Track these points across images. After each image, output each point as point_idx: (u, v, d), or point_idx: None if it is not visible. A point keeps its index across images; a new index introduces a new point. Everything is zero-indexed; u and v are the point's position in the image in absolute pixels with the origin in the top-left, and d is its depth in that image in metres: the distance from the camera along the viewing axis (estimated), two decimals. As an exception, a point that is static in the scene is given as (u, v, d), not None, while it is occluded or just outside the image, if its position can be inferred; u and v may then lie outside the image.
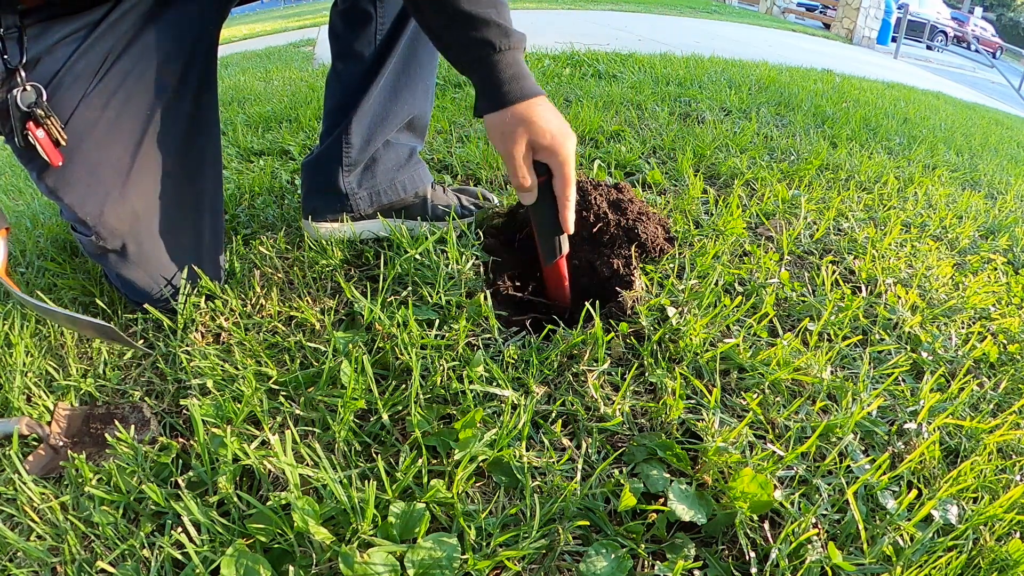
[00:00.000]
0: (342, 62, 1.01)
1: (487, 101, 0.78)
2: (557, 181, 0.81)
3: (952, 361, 0.92)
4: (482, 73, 0.77)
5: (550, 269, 0.92)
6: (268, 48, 5.12)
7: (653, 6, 9.25)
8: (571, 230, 0.85)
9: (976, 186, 1.81)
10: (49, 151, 0.78)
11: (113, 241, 0.86)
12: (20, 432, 0.71)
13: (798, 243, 1.19)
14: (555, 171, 0.80)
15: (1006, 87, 9.78)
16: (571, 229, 0.85)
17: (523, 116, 0.76)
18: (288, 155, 1.69)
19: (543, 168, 0.80)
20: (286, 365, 0.83)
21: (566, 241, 0.89)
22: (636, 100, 2.16)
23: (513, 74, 0.76)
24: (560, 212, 0.83)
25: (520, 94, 0.76)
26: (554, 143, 0.77)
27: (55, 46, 0.79)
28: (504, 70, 0.76)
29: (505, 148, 0.78)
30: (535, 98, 0.77)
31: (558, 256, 0.89)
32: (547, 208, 0.84)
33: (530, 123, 0.76)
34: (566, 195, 0.81)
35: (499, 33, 0.75)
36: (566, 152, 0.78)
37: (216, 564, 0.56)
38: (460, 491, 0.63)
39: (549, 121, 0.77)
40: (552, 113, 0.78)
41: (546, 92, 0.79)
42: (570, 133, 0.80)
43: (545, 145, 0.77)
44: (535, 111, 0.76)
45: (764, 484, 0.61)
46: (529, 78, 0.78)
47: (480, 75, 0.77)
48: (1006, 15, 29.50)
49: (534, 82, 0.78)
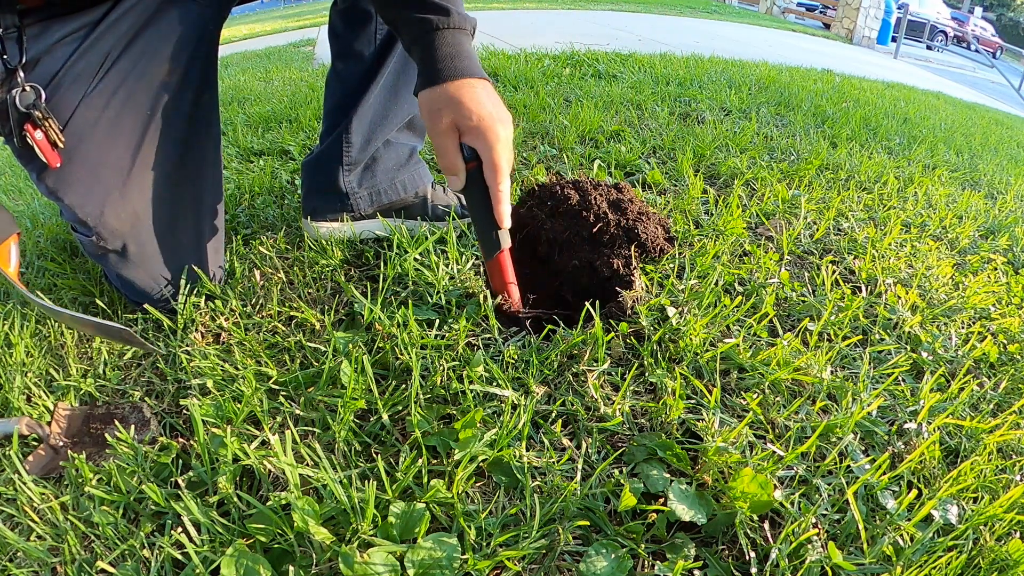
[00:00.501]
0: (342, 62, 1.01)
1: (422, 78, 0.76)
2: (486, 169, 0.76)
3: (952, 361, 0.92)
4: (420, 51, 0.75)
5: (492, 266, 0.87)
6: (268, 48, 5.12)
7: (653, 6, 9.25)
8: (505, 223, 0.80)
9: (976, 186, 1.81)
10: (47, 152, 0.78)
11: (113, 241, 0.86)
12: (20, 432, 0.71)
13: (798, 243, 1.19)
14: (483, 157, 0.76)
15: (1006, 87, 9.78)
16: (506, 224, 0.80)
17: (452, 95, 0.73)
18: (288, 155, 1.69)
19: (472, 153, 0.76)
20: (286, 365, 0.83)
21: (506, 236, 0.83)
22: (636, 100, 2.16)
23: (450, 53, 0.74)
24: (492, 201, 0.78)
25: (453, 73, 0.74)
26: (481, 125, 0.73)
27: (55, 46, 0.79)
28: (440, 48, 0.74)
29: (431, 126, 0.75)
30: (471, 79, 0.74)
31: (497, 251, 0.84)
32: (477, 198, 0.79)
33: (458, 103, 0.73)
34: (497, 181, 0.76)
35: (439, 11, 0.74)
36: (495, 136, 0.74)
37: (216, 564, 0.56)
38: (460, 491, 0.63)
39: (480, 104, 0.74)
40: (487, 96, 0.75)
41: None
42: (505, 119, 0.76)
43: (471, 126, 0.73)
44: (466, 91, 0.73)
45: (764, 484, 0.61)
46: (469, 59, 0.75)
47: (419, 53, 0.76)
48: (1006, 15, 29.50)
49: (476, 65, 0.76)
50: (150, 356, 0.87)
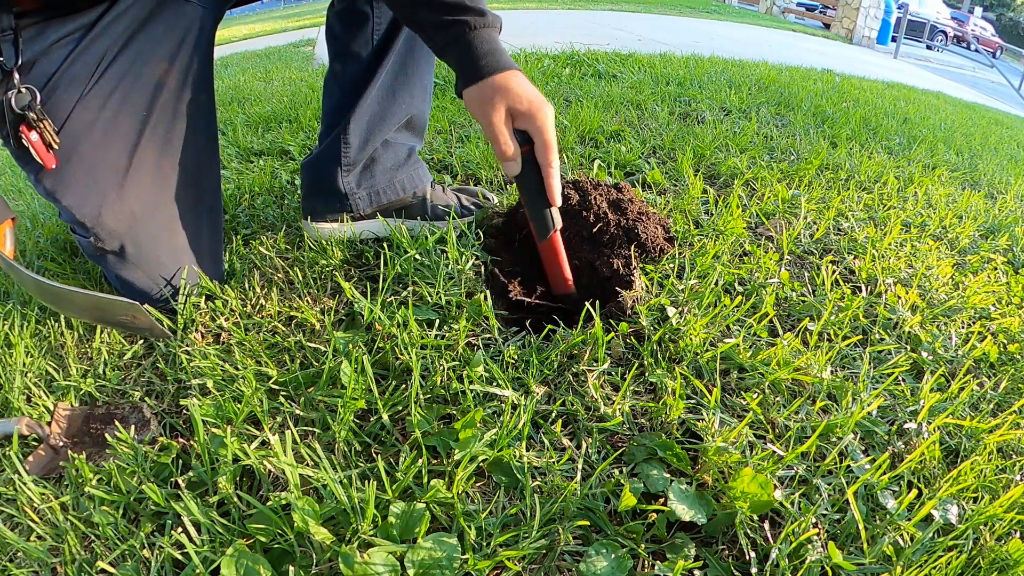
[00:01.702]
0: (340, 62, 1.01)
1: (465, 76, 0.80)
2: (539, 148, 0.81)
3: (952, 361, 0.92)
4: (459, 51, 0.79)
5: (546, 248, 0.91)
6: (268, 48, 5.12)
7: (653, 6, 9.25)
8: (558, 201, 0.85)
9: (976, 186, 1.81)
10: (42, 154, 0.78)
11: (111, 242, 0.86)
12: (20, 432, 0.71)
13: (798, 243, 1.19)
14: (535, 137, 0.80)
15: (1006, 87, 9.78)
16: (558, 200, 0.85)
17: (501, 85, 0.78)
18: (288, 155, 1.69)
19: (524, 137, 0.81)
20: (286, 365, 0.83)
21: (558, 215, 0.88)
22: (636, 100, 2.16)
23: (489, 49, 0.79)
24: (545, 181, 0.83)
25: (497, 66, 0.78)
26: (532, 107, 0.79)
27: (51, 48, 0.79)
28: (480, 46, 0.78)
29: (485, 117, 0.79)
30: (511, 70, 0.79)
31: (552, 230, 0.88)
32: (533, 178, 0.83)
33: (507, 90, 0.78)
34: (549, 161, 0.81)
35: (473, 12, 0.78)
36: (544, 116, 0.79)
37: (216, 564, 0.56)
38: (460, 491, 0.63)
39: (527, 89, 0.79)
40: (528, 83, 0.81)
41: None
42: (547, 102, 0.81)
43: (523, 110, 0.78)
44: (512, 81, 0.78)
45: (764, 484, 0.61)
46: (505, 53, 0.80)
47: (457, 53, 0.79)
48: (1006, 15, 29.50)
49: (509, 57, 0.80)
50: (150, 356, 0.87)
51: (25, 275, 0.77)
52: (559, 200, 0.85)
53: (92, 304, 0.81)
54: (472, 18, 0.78)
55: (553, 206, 0.86)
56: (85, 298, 0.79)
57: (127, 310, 0.80)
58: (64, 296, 0.80)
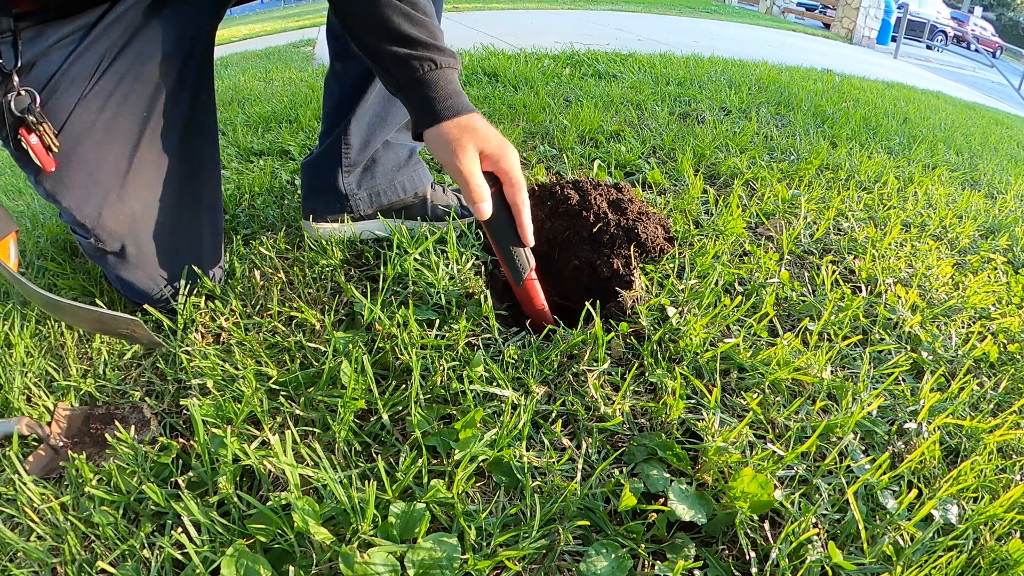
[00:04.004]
0: (341, 62, 1.01)
1: (427, 116, 0.77)
2: (507, 187, 0.79)
3: (952, 361, 0.92)
4: (422, 90, 0.76)
5: (522, 291, 0.88)
6: (268, 48, 5.11)
7: (653, 6, 9.25)
8: (531, 241, 0.82)
9: (976, 186, 1.81)
10: (41, 157, 0.78)
11: (112, 243, 0.86)
12: (20, 432, 0.71)
13: (798, 243, 1.19)
14: (503, 177, 0.78)
15: (1006, 87, 9.78)
16: (531, 240, 0.82)
17: (467, 125, 0.76)
18: (288, 155, 1.69)
19: (492, 179, 0.79)
20: (286, 365, 0.83)
21: (531, 254, 0.84)
22: (636, 100, 2.16)
23: (454, 89, 0.77)
24: (517, 220, 0.81)
25: (462, 107, 0.77)
26: (500, 147, 0.77)
27: (50, 49, 0.79)
28: (445, 85, 0.77)
29: (453, 157, 0.76)
30: (473, 113, 0.77)
31: (527, 271, 0.85)
32: (504, 219, 0.81)
33: (475, 130, 0.76)
34: (519, 200, 0.79)
35: (437, 50, 0.77)
36: (512, 155, 0.78)
37: (216, 564, 0.56)
38: (460, 491, 0.63)
39: (492, 129, 0.78)
40: (489, 125, 0.79)
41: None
42: (509, 143, 0.80)
43: (492, 150, 0.76)
44: (477, 121, 0.77)
45: (764, 484, 0.61)
46: (465, 96, 0.79)
47: (421, 92, 0.77)
48: (1006, 15, 29.50)
49: (468, 100, 0.79)
50: (150, 356, 0.87)
51: (30, 288, 0.77)
52: (531, 240, 0.82)
53: (94, 318, 0.81)
54: (437, 56, 0.76)
55: (527, 246, 0.83)
56: (88, 312, 0.80)
57: (128, 325, 0.80)
58: (67, 309, 0.80)
